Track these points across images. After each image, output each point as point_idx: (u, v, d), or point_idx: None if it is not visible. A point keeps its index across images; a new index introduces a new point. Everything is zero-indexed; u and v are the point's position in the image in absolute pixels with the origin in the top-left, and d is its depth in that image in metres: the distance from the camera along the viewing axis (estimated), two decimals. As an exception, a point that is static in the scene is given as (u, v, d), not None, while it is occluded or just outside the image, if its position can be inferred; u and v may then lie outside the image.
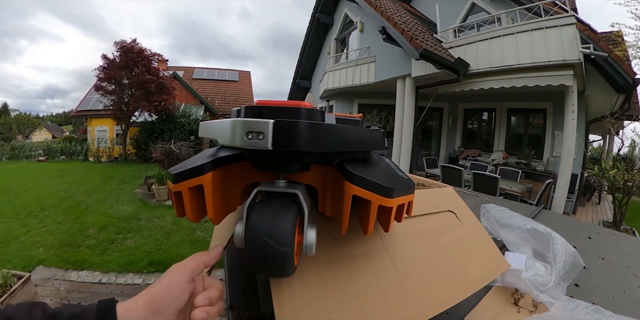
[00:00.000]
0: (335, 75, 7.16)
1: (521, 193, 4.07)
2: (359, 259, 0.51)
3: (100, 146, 11.63)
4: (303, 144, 0.32)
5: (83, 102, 12.46)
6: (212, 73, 15.95)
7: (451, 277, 0.56)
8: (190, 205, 0.40)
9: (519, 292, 0.68)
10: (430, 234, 0.62)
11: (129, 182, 7.16)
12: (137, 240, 3.85)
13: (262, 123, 0.31)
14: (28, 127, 16.34)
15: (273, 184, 0.40)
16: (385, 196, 0.38)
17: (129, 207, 5.21)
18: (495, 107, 6.46)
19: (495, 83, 4.65)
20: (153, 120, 10.54)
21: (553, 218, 1.16)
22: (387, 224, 0.43)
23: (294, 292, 0.45)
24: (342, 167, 0.39)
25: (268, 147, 0.32)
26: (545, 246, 0.75)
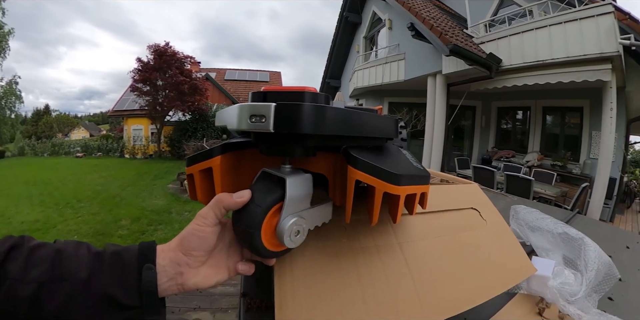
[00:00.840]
0: (364, 74, 7.09)
1: (555, 197, 3.84)
2: (368, 253, 0.48)
3: (136, 144, 12.29)
4: (304, 127, 0.32)
5: (119, 102, 13.24)
6: (243, 74, 16.42)
7: (469, 278, 0.52)
8: (201, 188, 0.42)
9: (545, 302, 0.62)
10: (449, 231, 0.58)
11: (163, 177, 7.50)
12: (167, 232, 4.03)
13: (264, 106, 0.32)
14: (67, 126, 17.74)
15: (279, 169, 0.40)
16: (391, 182, 0.36)
17: (161, 200, 5.47)
18: (529, 106, 6.13)
19: (528, 79, 4.40)
20: (186, 120, 11.01)
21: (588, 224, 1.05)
22: (395, 215, 0.40)
23: (296, 280, 0.43)
24: (347, 152, 0.38)
25: (269, 130, 0.32)
26: (577, 253, 0.68)
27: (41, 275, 0.30)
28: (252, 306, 0.68)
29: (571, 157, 5.47)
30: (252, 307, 0.68)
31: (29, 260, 0.31)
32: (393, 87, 6.76)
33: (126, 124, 12.85)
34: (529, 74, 4.39)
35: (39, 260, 0.31)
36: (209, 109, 11.25)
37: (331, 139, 0.38)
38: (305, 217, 0.40)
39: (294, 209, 0.39)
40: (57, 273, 0.31)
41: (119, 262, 0.34)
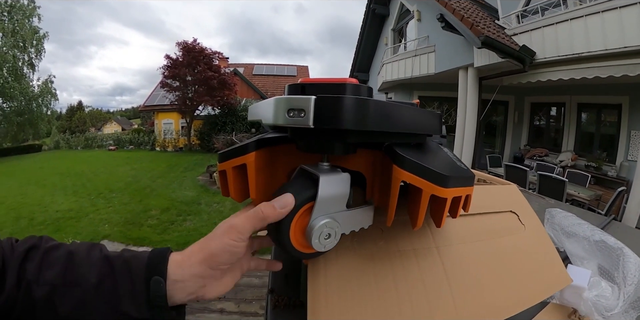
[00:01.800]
0: (393, 67, 6.92)
1: (589, 200, 3.60)
2: (406, 257, 0.46)
3: (166, 137, 12.77)
4: (346, 122, 0.29)
5: (150, 98, 13.77)
6: (271, 69, 16.60)
7: (505, 287, 0.48)
8: (234, 185, 0.40)
9: (578, 314, 0.57)
10: (487, 236, 0.54)
11: (192, 169, 7.69)
12: (196, 223, 4.14)
13: (303, 99, 0.30)
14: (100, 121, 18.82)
15: (316, 166, 0.38)
16: (439, 185, 0.32)
17: (191, 192, 5.60)
18: (564, 102, 5.73)
19: (563, 74, 4.09)
20: (216, 114, 11.30)
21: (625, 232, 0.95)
22: (440, 218, 0.38)
23: (329, 284, 0.42)
24: (391, 149, 0.35)
25: (309, 125, 0.30)
26: (614, 263, 0.62)
27: (54, 277, 0.31)
28: (280, 303, 0.67)
29: (607, 158, 5.09)
30: (280, 304, 0.67)
31: (44, 261, 0.32)
32: (423, 81, 6.54)
33: (157, 118, 13.36)
34: (564, 67, 4.09)
35: (53, 261, 0.32)
36: (237, 104, 11.47)
37: (374, 135, 0.35)
38: (339, 219, 0.37)
39: (326, 209, 0.36)
40: (69, 277, 0.31)
41: (128, 271, 0.32)
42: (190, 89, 10.85)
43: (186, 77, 10.55)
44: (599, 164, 5.03)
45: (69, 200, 5.19)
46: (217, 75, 10.68)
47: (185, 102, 10.94)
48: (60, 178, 7.08)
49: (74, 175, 7.36)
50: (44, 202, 5.12)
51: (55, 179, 7.01)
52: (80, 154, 11.64)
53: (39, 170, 8.36)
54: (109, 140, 14.39)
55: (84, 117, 18.58)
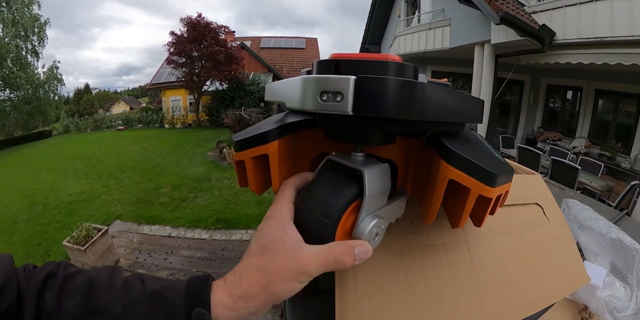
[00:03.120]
0: (406, 40, 6.64)
1: (601, 191, 3.51)
2: (436, 251, 0.44)
3: (175, 114, 12.75)
4: (393, 110, 0.24)
5: (156, 75, 13.61)
6: (278, 41, 16.13)
7: (530, 283, 0.47)
8: (254, 176, 0.35)
9: (589, 311, 0.57)
10: (514, 230, 0.52)
11: (202, 146, 7.64)
12: (207, 199, 4.17)
13: (341, 80, 0.24)
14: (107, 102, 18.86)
15: (348, 157, 0.33)
16: (487, 184, 0.29)
17: (201, 168, 5.60)
18: (581, 86, 5.44)
19: (584, 57, 3.86)
20: (224, 89, 11.19)
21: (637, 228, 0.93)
22: (482, 218, 0.34)
23: (359, 280, 0.40)
24: (438, 141, 0.31)
25: (348, 112, 0.24)
26: (629, 264, 0.61)
27: (75, 309, 0.28)
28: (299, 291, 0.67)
29: (621, 149, 4.89)
30: (299, 292, 0.67)
31: (63, 290, 0.29)
32: (437, 55, 6.26)
33: (164, 96, 13.29)
34: (584, 51, 3.85)
35: (73, 290, 0.29)
36: (245, 78, 11.33)
37: (420, 124, 0.30)
38: (384, 216, 0.34)
39: (372, 207, 0.32)
40: (91, 306, 0.28)
41: (161, 303, 0.28)
42: (197, 65, 10.69)
43: (192, 53, 10.36)
44: (613, 154, 4.88)
45: (80, 183, 5.23)
46: (224, 50, 10.47)
47: (193, 78, 10.83)
48: (71, 161, 7.12)
49: (84, 157, 7.40)
50: (57, 186, 5.16)
51: (66, 163, 7.06)
52: (89, 136, 11.71)
53: (50, 155, 8.41)
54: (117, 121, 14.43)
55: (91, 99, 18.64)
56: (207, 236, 3.08)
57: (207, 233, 3.15)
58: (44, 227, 3.67)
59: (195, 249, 2.79)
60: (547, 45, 4.09)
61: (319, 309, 0.62)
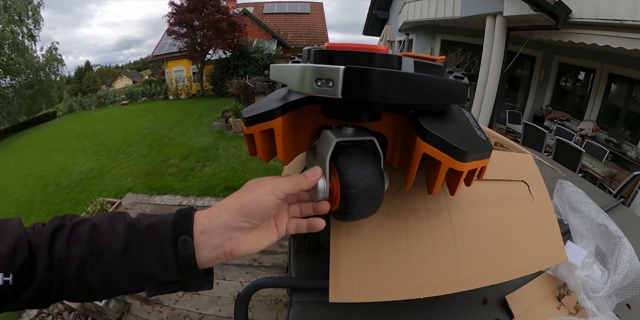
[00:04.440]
0: (416, 7, 6.32)
1: (603, 176, 3.49)
2: (419, 214, 0.51)
3: (179, 85, 12.61)
4: (375, 95, 0.30)
5: (158, 47, 13.25)
6: (282, 6, 15.40)
7: (505, 253, 0.53)
8: (262, 147, 0.42)
9: (566, 289, 0.63)
10: (496, 202, 0.57)
11: (208, 115, 7.61)
12: (215, 168, 4.24)
13: (332, 70, 0.30)
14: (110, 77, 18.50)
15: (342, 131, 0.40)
16: (457, 159, 0.35)
17: (208, 138, 5.61)
18: (594, 68, 5.20)
19: (599, 39, 3.67)
20: (227, 57, 10.94)
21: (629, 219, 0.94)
22: (455, 188, 0.40)
23: (350, 237, 0.47)
24: (416, 120, 0.36)
25: (337, 96, 0.30)
26: (611, 250, 0.65)
27: (81, 251, 0.32)
28: (302, 247, 0.76)
29: (629, 137, 4.77)
30: (302, 248, 0.76)
31: (70, 239, 0.33)
32: (447, 24, 6.02)
33: (167, 67, 13.04)
34: (601, 33, 3.65)
35: (78, 237, 0.33)
36: (249, 45, 11.03)
37: (400, 105, 0.36)
38: None
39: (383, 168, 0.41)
40: (95, 248, 0.32)
41: (154, 235, 0.33)
42: (199, 34, 10.38)
43: (193, 22, 10.02)
44: (620, 141, 4.76)
45: (89, 160, 5.27)
46: (226, 17, 10.10)
47: (195, 48, 10.57)
48: (78, 140, 7.12)
49: (91, 135, 7.39)
50: (67, 166, 5.22)
51: (73, 142, 7.06)
52: (94, 114, 11.55)
53: (57, 136, 8.39)
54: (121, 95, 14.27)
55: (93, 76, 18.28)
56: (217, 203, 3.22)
57: (217, 200, 3.19)
58: (58, 206, 3.79)
59: (207, 217, 2.90)
60: (561, 23, 3.90)
61: (321, 264, 0.70)
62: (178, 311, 1.88)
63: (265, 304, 1.89)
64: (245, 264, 2.21)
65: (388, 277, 0.46)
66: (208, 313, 1.85)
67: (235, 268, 2.18)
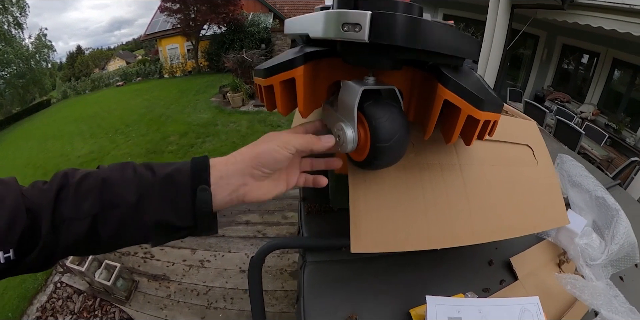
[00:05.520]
0: (418, -23, 6.17)
1: (600, 160, 3.55)
2: (433, 169, 0.52)
3: (173, 63, 12.33)
4: (401, 39, 0.31)
5: (150, 25, 12.81)
6: (278, -22, 14.79)
7: (512, 211, 0.55)
8: (282, 99, 0.42)
9: (566, 256, 0.66)
10: (503, 162, 0.59)
11: (205, 92, 7.50)
12: (215, 144, 4.25)
13: (359, 14, 0.30)
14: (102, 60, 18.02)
15: (365, 82, 0.40)
16: (476, 107, 0.36)
17: (206, 114, 5.54)
18: (599, 52, 5.09)
19: (606, 23, 3.59)
20: (222, 32, 10.66)
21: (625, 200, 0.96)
22: (471, 138, 0.42)
23: (369, 191, 0.49)
24: (437, 69, 0.38)
25: (364, 39, 0.31)
26: (608, 222, 0.68)
27: (92, 207, 0.31)
28: (312, 210, 0.79)
29: (629, 124, 4.76)
30: (312, 210, 0.79)
31: (77, 196, 0.31)
32: (449, -2, 5.91)
33: (160, 45, 12.68)
34: (608, 16, 3.55)
35: (86, 192, 0.31)
36: (244, 19, 10.73)
37: (422, 54, 0.36)
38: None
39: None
40: (107, 201, 0.31)
41: (171, 184, 0.33)
42: (192, 9, 10.05)
43: (185, -3, 9.68)
44: (620, 127, 4.76)
45: (88, 143, 5.21)
46: (220, -9, 9.77)
47: (189, 24, 10.27)
48: (75, 125, 6.96)
49: (87, 119, 7.20)
50: (65, 151, 5.10)
51: (70, 127, 6.88)
52: (89, 97, 11.24)
53: (53, 123, 8.20)
54: (115, 77, 13.91)
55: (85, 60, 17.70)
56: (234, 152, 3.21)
57: None
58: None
59: (209, 191, 2.93)
60: (567, 3, 3.80)
61: (332, 225, 0.73)
62: (185, 285, 1.93)
63: (270, 274, 1.96)
64: (250, 236, 2.27)
65: (406, 228, 0.49)
66: (215, 285, 1.91)
67: (239, 240, 2.23)
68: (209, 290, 1.88)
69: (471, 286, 0.59)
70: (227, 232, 2.32)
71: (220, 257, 2.09)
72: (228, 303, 1.79)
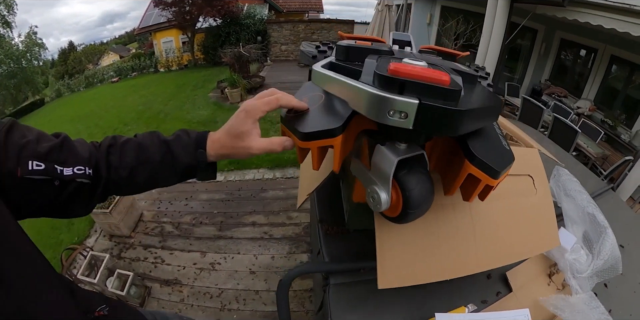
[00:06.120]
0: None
1: (595, 157, 3.60)
2: (446, 209, 0.59)
3: (169, 56, 12.15)
4: (444, 130, 0.34)
5: (144, 19, 12.55)
6: (272, -31, 14.45)
7: (512, 239, 0.63)
8: (317, 159, 0.44)
9: (557, 268, 0.74)
10: (507, 195, 0.65)
11: (202, 87, 7.36)
12: None
13: (407, 104, 0.32)
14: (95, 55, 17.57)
15: (397, 147, 0.42)
16: (493, 178, 0.41)
17: (205, 111, 5.46)
18: (597, 48, 5.11)
19: (606, 21, 3.60)
20: (218, 25, 10.50)
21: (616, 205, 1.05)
22: (483, 197, 0.46)
23: (392, 232, 0.56)
24: (465, 143, 0.41)
25: (409, 127, 0.33)
26: (596, 237, 0.76)
27: (131, 161, 0.45)
28: (330, 231, 0.84)
29: (625, 121, 4.82)
30: (331, 232, 0.84)
31: (122, 152, 0.46)
32: (448, -11, 5.84)
33: (155, 39, 12.45)
34: (608, 15, 3.55)
35: (128, 151, 0.46)
36: (240, 11, 10.55)
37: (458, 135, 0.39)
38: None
39: None
40: (141, 159, 0.46)
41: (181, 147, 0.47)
42: (187, 2, 9.86)
43: (180, -11, 9.47)
44: (616, 124, 4.81)
45: None
46: (214, -17, 9.57)
47: (184, 17, 10.08)
48: (71, 124, 6.80)
49: (83, 117, 7.07)
50: None
51: (66, 126, 6.68)
52: (84, 95, 10.99)
53: (48, 123, 7.97)
54: (109, 73, 13.62)
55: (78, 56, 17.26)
56: (222, 178, 3.14)
57: (222, 175, 3.19)
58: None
59: (213, 192, 2.91)
60: (567, 0, 3.80)
61: (347, 246, 0.80)
62: (197, 289, 1.96)
63: (279, 274, 2.03)
64: (257, 237, 2.33)
65: (423, 263, 0.56)
66: (227, 287, 1.95)
67: (247, 241, 2.29)
68: (221, 292, 1.93)
69: (471, 298, 0.67)
70: (235, 233, 2.37)
71: (230, 259, 2.14)
72: (241, 304, 1.85)
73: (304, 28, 10.31)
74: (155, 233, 2.41)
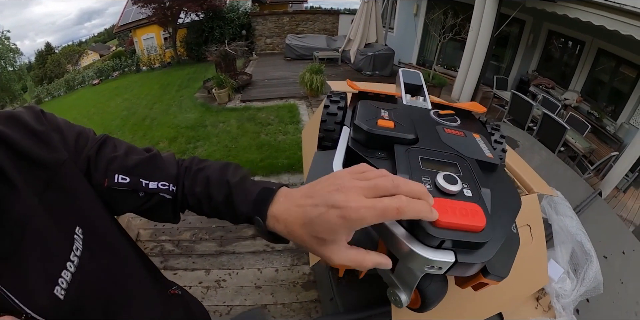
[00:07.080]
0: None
1: (583, 152, 3.68)
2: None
3: (151, 54, 11.80)
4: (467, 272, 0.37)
5: (123, 16, 12.11)
6: (252, -41, 14.01)
7: (508, 287, 0.62)
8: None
9: (544, 292, 0.79)
10: None
11: (187, 86, 7.13)
12: (207, 148, 4.07)
13: (444, 263, 0.34)
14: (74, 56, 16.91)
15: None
16: (499, 281, 0.42)
17: (193, 114, 5.29)
18: (584, 41, 5.17)
19: (595, 18, 3.64)
20: (201, 20, 10.18)
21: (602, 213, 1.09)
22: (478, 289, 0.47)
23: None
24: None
25: (440, 273, 0.36)
26: (582, 264, 0.83)
27: (199, 193, 0.46)
28: (342, 280, 0.85)
29: (610, 113, 4.95)
30: (342, 280, 0.85)
31: (194, 180, 0.47)
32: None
33: (135, 36, 12.02)
34: (598, 12, 3.59)
35: (199, 181, 0.47)
36: (223, 5, 10.23)
37: None
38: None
39: None
40: (207, 193, 0.46)
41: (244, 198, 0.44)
42: (167, -3, 9.51)
43: (158, -15, 9.11)
44: (602, 115, 4.93)
45: None
46: (194, -24, 9.22)
47: (165, 13, 9.74)
48: None
49: None
50: None
51: None
52: (64, 100, 10.61)
53: None
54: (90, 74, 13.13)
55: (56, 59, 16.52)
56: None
57: None
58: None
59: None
60: None
61: (359, 293, 0.80)
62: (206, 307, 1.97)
63: (284, 287, 2.06)
64: (259, 251, 2.33)
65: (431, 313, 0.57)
66: (235, 304, 1.96)
67: (250, 255, 2.30)
68: (230, 309, 1.93)
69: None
70: (237, 248, 2.37)
71: (235, 275, 2.15)
72: (250, 321, 1.88)
73: (288, 20, 10.08)
74: (155, 253, 2.37)
